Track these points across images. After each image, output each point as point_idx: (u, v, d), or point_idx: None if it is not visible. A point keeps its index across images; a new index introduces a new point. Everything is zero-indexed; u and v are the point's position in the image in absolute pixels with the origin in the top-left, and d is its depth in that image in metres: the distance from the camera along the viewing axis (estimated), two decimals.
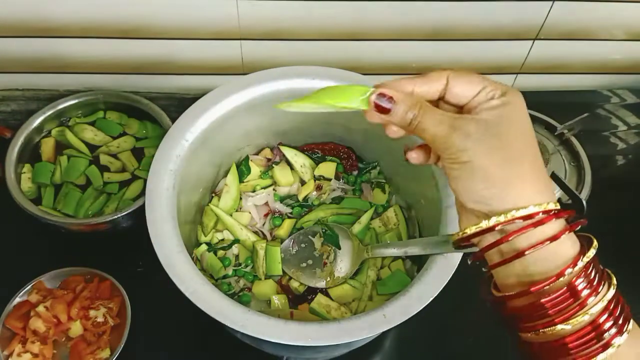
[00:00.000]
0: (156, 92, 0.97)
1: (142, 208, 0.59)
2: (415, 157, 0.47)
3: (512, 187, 0.38)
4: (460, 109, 0.42)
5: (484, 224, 0.39)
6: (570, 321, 0.37)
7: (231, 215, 0.73)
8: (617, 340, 0.37)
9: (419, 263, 0.70)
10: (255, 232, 0.74)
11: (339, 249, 0.70)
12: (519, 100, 0.40)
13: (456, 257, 0.56)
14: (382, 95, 0.42)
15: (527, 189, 0.38)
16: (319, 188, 0.76)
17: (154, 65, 0.94)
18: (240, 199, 0.76)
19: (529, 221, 0.38)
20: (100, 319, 0.69)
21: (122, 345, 0.66)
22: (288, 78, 0.70)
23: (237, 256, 0.72)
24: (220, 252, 0.71)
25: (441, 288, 0.54)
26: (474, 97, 0.41)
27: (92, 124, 0.87)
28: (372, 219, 0.74)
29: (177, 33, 0.89)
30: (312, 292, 0.68)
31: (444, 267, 0.56)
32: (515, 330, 0.41)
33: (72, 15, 0.85)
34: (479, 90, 0.40)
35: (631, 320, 0.38)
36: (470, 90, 0.41)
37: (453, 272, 0.55)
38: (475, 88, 0.41)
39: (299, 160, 0.78)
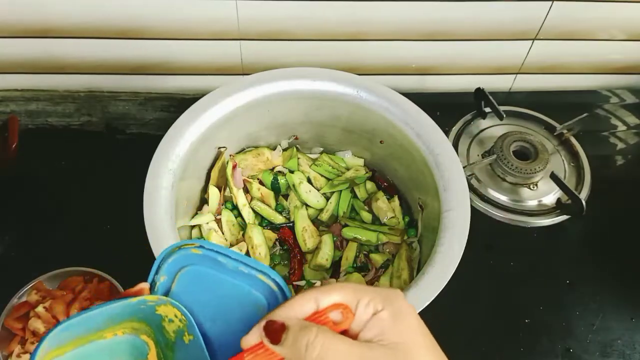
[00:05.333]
0: (156, 92, 0.97)
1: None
2: None
3: None
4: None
5: None
6: None
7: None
8: None
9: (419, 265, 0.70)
10: None
11: None
12: (405, 305, 0.36)
13: (453, 261, 0.56)
14: (270, 322, 0.34)
15: None
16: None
17: (154, 66, 0.94)
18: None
19: None
20: None
21: None
22: (288, 79, 0.70)
23: None
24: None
25: (437, 292, 0.54)
26: (356, 313, 0.35)
27: None
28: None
29: (177, 34, 0.89)
30: None
31: (441, 271, 0.56)
32: None
33: (71, 15, 0.85)
34: (356, 304, 0.35)
35: None
36: (346, 301, 0.35)
37: (450, 276, 0.55)
38: (351, 299, 0.35)
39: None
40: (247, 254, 0.71)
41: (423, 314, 0.53)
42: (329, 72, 0.71)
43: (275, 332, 0.34)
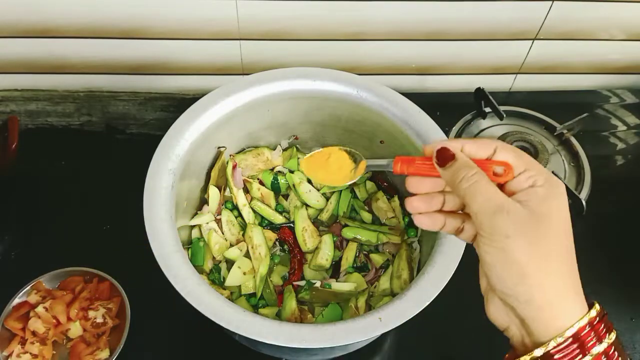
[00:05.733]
0: (156, 92, 0.97)
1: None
2: (421, 215, 0.44)
3: (550, 297, 0.37)
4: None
5: (538, 353, 0.38)
6: None
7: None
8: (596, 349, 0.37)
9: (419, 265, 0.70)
10: None
11: None
12: (563, 194, 0.39)
13: (454, 261, 0.56)
14: (444, 149, 0.41)
15: (565, 301, 0.38)
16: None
17: (153, 66, 0.94)
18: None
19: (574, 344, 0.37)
20: (99, 320, 0.69)
21: (122, 346, 0.66)
22: (288, 79, 0.70)
23: None
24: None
25: (438, 292, 0.54)
26: (515, 178, 0.40)
27: None
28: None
29: (177, 33, 0.89)
30: None
31: (442, 271, 0.56)
32: None
33: (71, 15, 0.85)
34: (521, 172, 0.39)
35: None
36: (514, 165, 0.40)
37: (450, 276, 0.55)
38: (519, 166, 0.40)
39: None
40: (247, 253, 0.71)
41: (423, 314, 0.53)
42: (329, 72, 0.71)
43: (445, 159, 0.40)
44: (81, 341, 0.68)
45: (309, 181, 0.78)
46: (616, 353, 0.38)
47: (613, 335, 0.38)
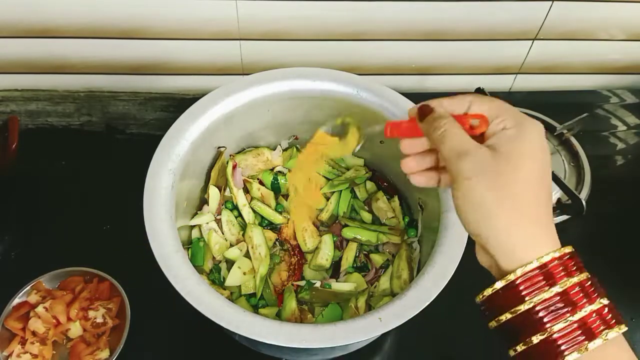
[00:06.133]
0: (156, 92, 0.97)
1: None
2: (416, 174, 0.47)
3: (514, 235, 0.38)
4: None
5: (499, 285, 0.39)
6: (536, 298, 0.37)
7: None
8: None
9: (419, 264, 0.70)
10: None
11: None
12: (537, 133, 0.40)
13: (454, 261, 0.56)
14: (424, 106, 0.44)
15: (531, 238, 0.38)
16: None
17: (153, 66, 0.94)
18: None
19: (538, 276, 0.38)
20: (99, 320, 0.69)
21: (122, 346, 0.66)
22: (288, 79, 0.70)
23: None
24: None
25: (438, 292, 0.54)
26: (490, 124, 0.41)
27: None
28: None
29: (177, 34, 0.89)
30: None
31: (441, 271, 0.56)
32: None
33: (71, 15, 0.85)
34: (494, 117, 0.41)
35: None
36: (488, 114, 0.41)
37: (450, 276, 0.55)
38: (492, 113, 0.41)
39: None
40: (247, 253, 0.72)
41: (423, 314, 0.53)
42: (329, 72, 0.71)
43: (425, 113, 0.43)
44: (81, 341, 0.68)
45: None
46: (593, 287, 0.38)
47: (585, 275, 0.38)
